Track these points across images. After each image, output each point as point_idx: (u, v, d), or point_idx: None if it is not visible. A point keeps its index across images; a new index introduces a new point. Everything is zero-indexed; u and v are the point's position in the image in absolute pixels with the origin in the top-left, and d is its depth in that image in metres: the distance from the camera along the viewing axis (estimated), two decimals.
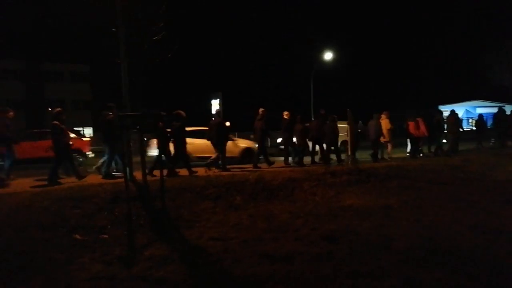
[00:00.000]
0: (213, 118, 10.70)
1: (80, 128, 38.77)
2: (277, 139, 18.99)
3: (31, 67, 40.64)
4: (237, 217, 6.50)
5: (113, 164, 9.28)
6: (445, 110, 21.58)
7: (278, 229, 5.78)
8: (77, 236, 5.42)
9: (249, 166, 10.91)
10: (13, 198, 6.54)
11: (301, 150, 11.73)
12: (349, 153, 11.16)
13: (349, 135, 11.43)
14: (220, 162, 10.17)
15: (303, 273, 4.16)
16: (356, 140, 12.44)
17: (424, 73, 48.49)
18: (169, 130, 9.25)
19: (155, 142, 11.51)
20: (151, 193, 6.98)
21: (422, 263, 4.30)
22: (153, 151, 11.62)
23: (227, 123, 10.58)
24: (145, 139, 9.68)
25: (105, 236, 5.55)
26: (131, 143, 8.59)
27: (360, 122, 15.20)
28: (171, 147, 9.50)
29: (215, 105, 32.45)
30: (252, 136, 12.10)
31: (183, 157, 9.45)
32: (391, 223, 5.95)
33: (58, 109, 8.63)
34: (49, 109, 39.33)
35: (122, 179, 5.95)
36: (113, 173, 9.24)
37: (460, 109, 15.45)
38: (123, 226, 5.78)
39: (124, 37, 7.95)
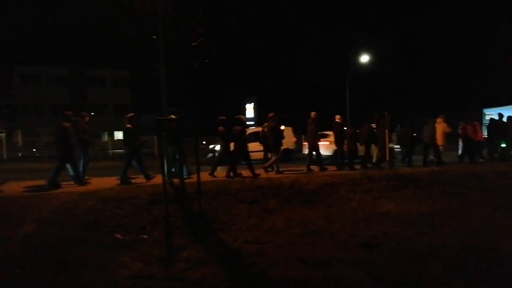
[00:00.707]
0: (266, 123, 11.04)
1: (120, 132, 40.35)
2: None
3: (75, 73, 42.82)
4: (272, 221, 6.49)
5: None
6: (490, 113, 20.50)
7: (314, 234, 5.73)
8: (118, 236, 5.63)
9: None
10: (61, 198, 6.89)
11: (351, 154, 11.66)
12: (387, 157, 10.87)
13: (386, 139, 11.13)
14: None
15: (340, 280, 4.09)
16: (412, 144, 12.23)
17: (466, 74, 46.02)
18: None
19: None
20: (188, 195, 7.13)
21: (466, 274, 4.10)
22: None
23: (282, 127, 10.76)
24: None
25: (144, 236, 5.73)
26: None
27: (398, 126, 14.79)
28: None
29: (250, 109, 32.69)
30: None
31: (245, 158, 9.79)
32: (433, 230, 5.73)
33: (131, 114, 9.05)
34: (92, 113, 41.39)
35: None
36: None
37: (507, 113, 14.56)
38: (161, 227, 5.94)
39: (163, 43, 8.20)
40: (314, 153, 10.96)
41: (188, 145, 9.07)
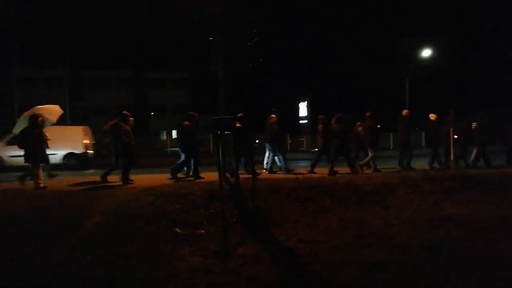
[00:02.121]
0: (359, 122, 11.15)
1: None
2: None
3: (137, 75, 45.32)
4: (327, 220, 6.40)
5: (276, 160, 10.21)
6: None
7: (370, 235, 5.56)
8: (177, 230, 5.88)
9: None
10: (123, 192, 7.35)
11: (445, 153, 11.20)
12: (451, 157, 10.24)
13: (451, 138, 10.48)
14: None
15: (398, 284, 3.95)
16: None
17: None
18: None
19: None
20: (243, 192, 7.25)
21: None
22: None
23: (378, 126, 10.69)
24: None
25: (201, 231, 5.92)
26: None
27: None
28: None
29: (303, 108, 32.36)
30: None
31: (348, 157, 9.98)
32: (503, 237, 5.30)
33: (241, 114, 9.30)
34: (152, 113, 43.60)
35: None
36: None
37: None
38: (217, 223, 6.10)
39: (221, 44, 8.42)
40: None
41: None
